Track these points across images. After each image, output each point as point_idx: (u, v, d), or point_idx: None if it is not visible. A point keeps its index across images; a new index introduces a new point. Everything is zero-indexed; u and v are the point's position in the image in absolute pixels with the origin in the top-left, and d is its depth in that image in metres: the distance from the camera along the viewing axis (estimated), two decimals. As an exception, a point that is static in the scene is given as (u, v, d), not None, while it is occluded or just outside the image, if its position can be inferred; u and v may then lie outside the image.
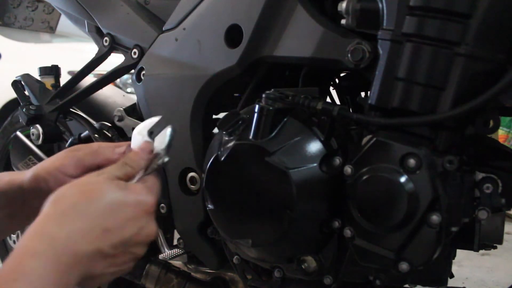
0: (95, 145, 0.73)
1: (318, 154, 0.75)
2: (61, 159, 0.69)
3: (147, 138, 0.67)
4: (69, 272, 0.53)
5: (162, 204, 1.05)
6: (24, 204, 0.70)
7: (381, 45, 0.71)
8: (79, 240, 0.54)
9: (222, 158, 0.80)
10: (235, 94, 1.04)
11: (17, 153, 1.44)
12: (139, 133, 0.68)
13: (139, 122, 1.17)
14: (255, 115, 0.77)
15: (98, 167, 0.66)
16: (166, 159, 0.67)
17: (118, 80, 2.85)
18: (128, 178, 0.63)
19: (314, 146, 0.75)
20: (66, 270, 0.53)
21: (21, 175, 0.70)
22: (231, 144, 0.79)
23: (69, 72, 2.39)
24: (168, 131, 0.67)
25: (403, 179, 0.66)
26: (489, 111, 0.67)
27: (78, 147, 0.72)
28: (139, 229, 0.59)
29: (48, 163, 0.69)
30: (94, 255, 0.55)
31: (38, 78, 1.36)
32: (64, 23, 3.25)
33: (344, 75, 1.01)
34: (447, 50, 0.65)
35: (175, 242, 1.10)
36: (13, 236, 1.75)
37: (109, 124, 1.20)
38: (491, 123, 0.68)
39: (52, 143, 1.35)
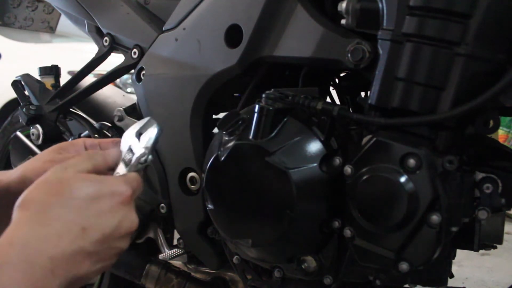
0: (80, 142, 0.71)
1: (318, 154, 0.75)
2: (50, 163, 0.65)
3: (135, 139, 0.67)
4: (50, 277, 0.50)
5: (162, 204, 1.05)
6: (11, 206, 0.66)
7: (381, 45, 0.71)
8: (55, 243, 0.52)
9: (222, 158, 0.80)
10: (235, 94, 1.04)
11: (17, 153, 1.44)
12: (128, 135, 0.68)
13: (139, 122, 1.17)
14: (255, 115, 0.77)
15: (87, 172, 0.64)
16: (149, 158, 0.66)
17: (118, 80, 2.85)
18: (97, 171, 0.60)
19: (314, 146, 0.75)
20: (43, 275, 0.50)
21: (7, 176, 0.67)
22: (231, 144, 0.79)
23: (69, 72, 2.40)
24: (154, 130, 0.67)
25: (403, 179, 0.66)
26: (489, 111, 0.67)
27: (63, 146, 0.70)
28: (119, 221, 0.57)
29: (38, 164, 0.66)
30: (77, 255, 0.53)
31: (38, 78, 1.36)
32: (64, 23, 3.24)
33: (344, 75, 1.01)
34: (447, 50, 0.65)
35: (175, 242, 1.10)
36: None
37: (109, 124, 1.20)
38: (491, 123, 0.68)
39: (52, 143, 1.35)
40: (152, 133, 0.67)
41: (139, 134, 0.67)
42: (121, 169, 0.65)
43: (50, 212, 0.53)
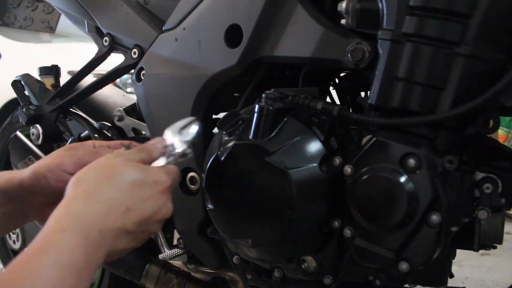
0: (89, 143, 0.75)
1: (318, 154, 0.75)
2: (61, 157, 0.70)
3: (176, 135, 0.73)
4: (97, 248, 0.56)
5: (162, 204, 1.05)
6: (23, 202, 0.71)
7: (381, 45, 0.71)
8: (105, 219, 0.57)
9: (222, 158, 0.80)
10: (235, 94, 1.04)
11: (17, 153, 1.44)
12: (170, 131, 0.74)
13: (139, 122, 1.17)
14: (255, 115, 0.77)
15: None
16: (188, 151, 0.72)
17: (118, 80, 2.85)
18: (142, 163, 0.66)
19: (314, 146, 0.75)
20: (94, 246, 0.56)
21: (20, 173, 0.71)
22: (231, 144, 0.79)
23: (69, 72, 2.39)
24: (194, 126, 0.73)
25: (403, 179, 0.66)
26: (489, 111, 0.67)
27: (73, 146, 0.75)
28: (158, 207, 0.63)
29: (48, 161, 0.70)
30: (119, 233, 0.59)
31: (38, 78, 1.36)
32: (64, 23, 3.25)
33: (344, 75, 1.01)
34: (447, 50, 0.65)
35: (175, 242, 1.10)
36: (13, 236, 1.75)
37: (109, 124, 1.20)
38: (491, 123, 0.68)
39: (52, 143, 1.35)
40: (192, 129, 0.73)
41: (180, 130, 0.73)
42: (161, 161, 0.70)
43: (100, 191, 0.59)
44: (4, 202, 0.70)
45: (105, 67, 1.22)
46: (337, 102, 0.99)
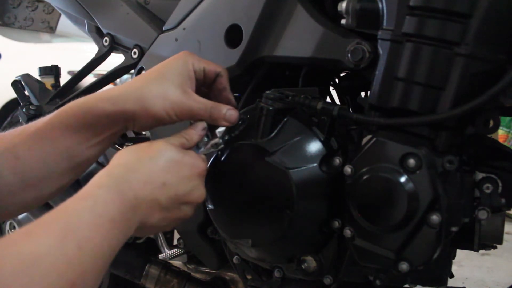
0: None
1: (318, 154, 0.75)
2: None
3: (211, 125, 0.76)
4: (132, 210, 0.59)
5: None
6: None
7: (381, 45, 0.71)
8: (142, 187, 0.61)
9: (222, 158, 0.80)
10: (235, 94, 1.04)
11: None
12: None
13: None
14: (256, 115, 0.77)
15: None
16: (219, 142, 0.75)
17: (118, 80, 2.84)
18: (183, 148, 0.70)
19: (314, 146, 0.75)
20: (129, 207, 0.59)
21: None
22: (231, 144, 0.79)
23: (69, 72, 2.40)
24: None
25: (403, 179, 0.66)
26: (489, 111, 0.67)
27: None
28: (192, 188, 0.67)
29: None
30: (152, 204, 0.62)
31: (38, 78, 1.36)
32: (64, 23, 3.25)
33: (344, 75, 1.01)
34: (447, 50, 0.65)
35: (175, 242, 1.10)
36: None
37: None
38: (491, 123, 0.68)
39: (52, 143, 1.35)
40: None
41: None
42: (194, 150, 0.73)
43: (140, 163, 0.63)
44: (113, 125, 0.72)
45: (105, 67, 1.22)
46: (337, 102, 1.00)
